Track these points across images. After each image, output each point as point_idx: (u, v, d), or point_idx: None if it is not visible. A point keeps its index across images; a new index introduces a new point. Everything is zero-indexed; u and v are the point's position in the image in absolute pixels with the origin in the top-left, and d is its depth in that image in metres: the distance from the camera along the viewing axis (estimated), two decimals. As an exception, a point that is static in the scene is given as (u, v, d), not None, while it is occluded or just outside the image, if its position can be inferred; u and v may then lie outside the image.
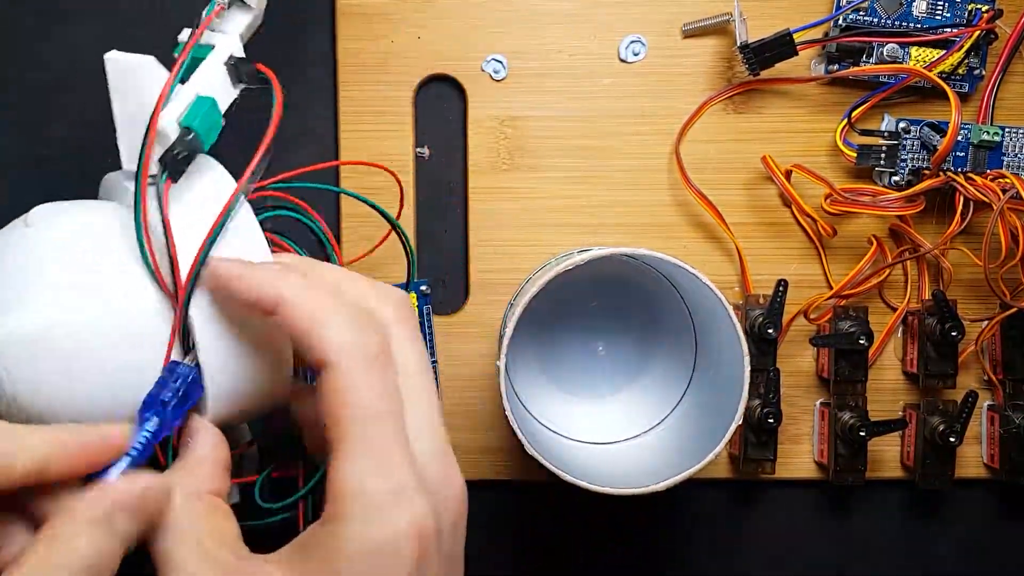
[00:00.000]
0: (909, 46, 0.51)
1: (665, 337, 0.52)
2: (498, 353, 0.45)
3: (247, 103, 0.53)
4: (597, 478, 0.44)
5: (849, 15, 0.51)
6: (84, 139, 0.53)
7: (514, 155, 0.53)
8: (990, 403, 0.54)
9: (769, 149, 0.53)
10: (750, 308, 0.52)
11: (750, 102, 0.53)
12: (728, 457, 0.54)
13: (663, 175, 0.53)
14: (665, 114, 0.53)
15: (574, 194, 0.53)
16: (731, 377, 0.45)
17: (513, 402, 0.46)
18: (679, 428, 0.50)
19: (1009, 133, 0.52)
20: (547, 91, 0.53)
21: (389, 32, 0.52)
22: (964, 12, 0.51)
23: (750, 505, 0.56)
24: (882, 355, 0.54)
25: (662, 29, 0.53)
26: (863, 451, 0.52)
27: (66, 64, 0.53)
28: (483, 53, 0.52)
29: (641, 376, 0.53)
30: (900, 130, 0.52)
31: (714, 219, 0.52)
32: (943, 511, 0.56)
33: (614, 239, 0.53)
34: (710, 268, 0.53)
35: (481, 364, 0.53)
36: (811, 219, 0.53)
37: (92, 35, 0.53)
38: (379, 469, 0.32)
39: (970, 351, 0.53)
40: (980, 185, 0.49)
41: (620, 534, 0.56)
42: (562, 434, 0.51)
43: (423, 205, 0.54)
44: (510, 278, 0.52)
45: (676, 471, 0.44)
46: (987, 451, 0.54)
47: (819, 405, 0.54)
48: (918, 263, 0.54)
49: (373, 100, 0.53)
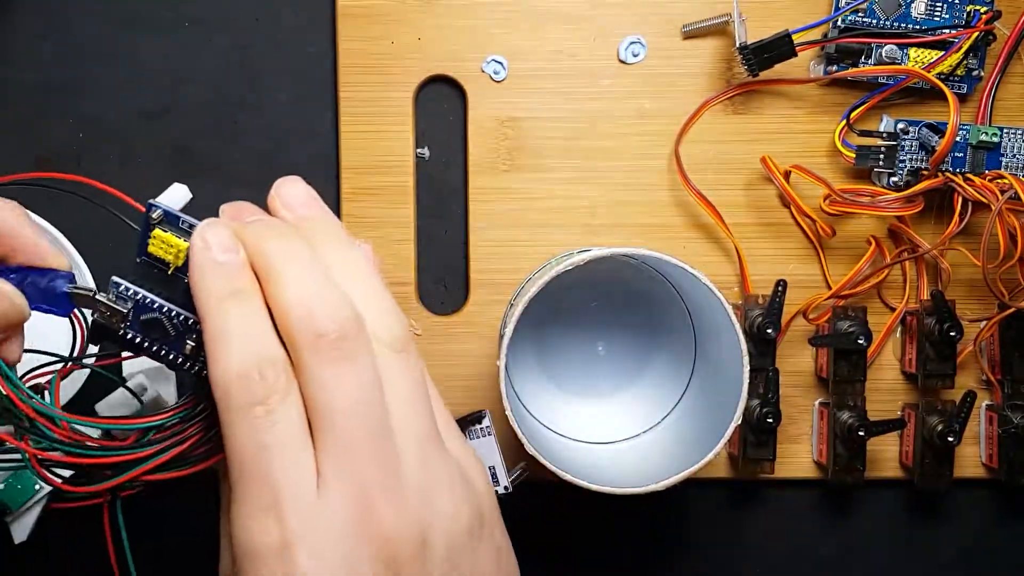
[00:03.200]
0: (908, 47, 0.51)
1: (665, 337, 0.52)
2: (498, 353, 0.45)
3: (248, 103, 0.54)
4: (597, 478, 0.44)
5: (848, 16, 0.51)
6: (84, 139, 0.53)
7: (514, 155, 0.53)
8: (988, 403, 0.54)
9: (768, 150, 0.53)
10: (749, 308, 0.52)
11: (750, 103, 0.53)
12: (727, 457, 0.54)
13: (663, 175, 0.53)
14: (665, 115, 0.53)
15: (574, 194, 0.53)
16: (730, 377, 0.45)
17: (513, 402, 0.46)
18: (679, 428, 0.50)
19: (1007, 134, 0.52)
20: (547, 91, 0.53)
21: (389, 33, 0.52)
22: (963, 13, 0.51)
23: (749, 505, 0.56)
24: (881, 355, 0.54)
25: (662, 30, 0.53)
26: (862, 451, 0.52)
27: (66, 64, 0.53)
28: (483, 54, 0.52)
29: (641, 376, 0.53)
30: (899, 131, 0.52)
31: (713, 219, 0.53)
32: (942, 511, 0.56)
33: (614, 239, 0.53)
34: (710, 268, 0.53)
35: (481, 364, 0.53)
36: (810, 219, 0.53)
37: (92, 35, 0.53)
38: (260, 523, 0.31)
39: (968, 351, 0.53)
40: (978, 186, 0.49)
41: (620, 534, 0.56)
42: (562, 434, 0.52)
43: (423, 205, 0.54)
44: (510, 278, 0.52)
45: (676, 471, 0.44)
46: (985, 451, 0.54)
47: (818, 405, 0.54)
48: (917, 263, 0.54)
49: (373, 100, 0.53)
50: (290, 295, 0.32)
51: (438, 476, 0.33)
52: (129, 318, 0.36)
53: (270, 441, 0.31)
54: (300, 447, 0.31)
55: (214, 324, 0.32)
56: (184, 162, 0.53)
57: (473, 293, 0.53)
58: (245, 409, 0.31)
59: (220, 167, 0.53)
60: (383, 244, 0.53)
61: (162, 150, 0.53)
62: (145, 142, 0.53)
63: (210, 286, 0.33)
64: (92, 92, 0.53)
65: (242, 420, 0.31)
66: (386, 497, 0.31)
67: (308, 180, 0.53)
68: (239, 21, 0.53)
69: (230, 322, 0.32)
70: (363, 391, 0.32)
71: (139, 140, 0.53)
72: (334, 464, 0.31)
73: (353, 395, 0.32)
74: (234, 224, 0.34)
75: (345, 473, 0.31)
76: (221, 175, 0.53)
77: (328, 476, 0.31)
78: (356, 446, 0.31)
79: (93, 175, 0.53)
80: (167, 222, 0.36)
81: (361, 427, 0.32)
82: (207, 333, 0.32)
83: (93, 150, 0.53)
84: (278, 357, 0.32)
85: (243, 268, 0.33)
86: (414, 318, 0.53)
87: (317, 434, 0.32)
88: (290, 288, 0.32)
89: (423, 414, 0.33)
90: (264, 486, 0.31)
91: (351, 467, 0.31)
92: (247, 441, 0.31)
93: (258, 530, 0.31)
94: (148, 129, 0.53)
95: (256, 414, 0.31)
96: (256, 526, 0.31)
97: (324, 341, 0.31)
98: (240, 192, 0.53)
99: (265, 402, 0.31)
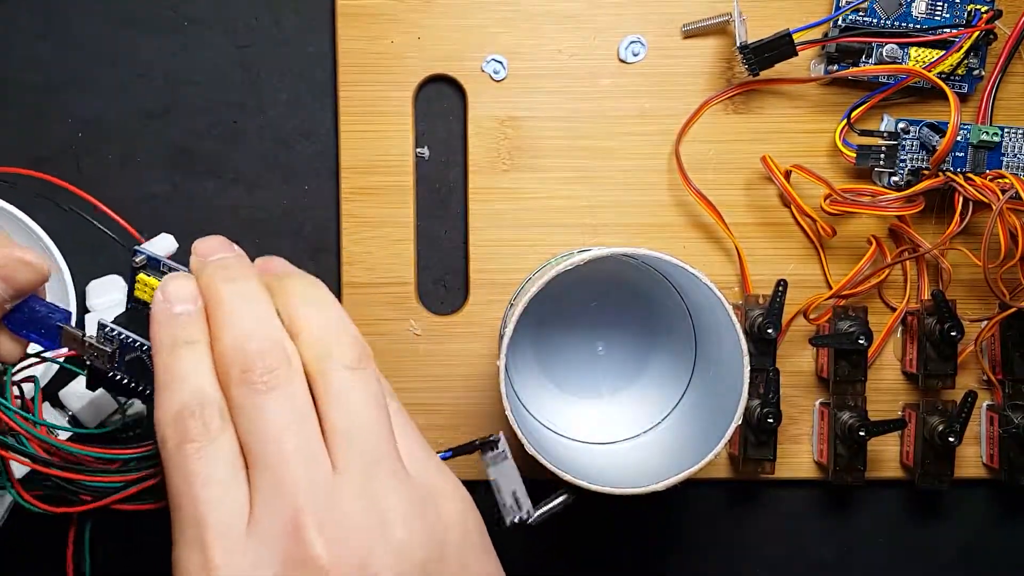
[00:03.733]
0: (908, 46, 0.51)
1: (665, 337, 0.52)
2: (498, 353, 0.45)
3: (248, 104, 0.54)
4: (597, 478, 0.44)
5: (848, 16, 0.51)
6: (84, 139, 0.53)
7: (514, 155, 0.53)
8: (989, 403, 0.54)
9: (769, 149, 0.53)
10: (750, 308, 0.52)
11: (750, 102, 0.53)
12: (728, 457, 0.54)
13: (663, 175, 0.53)
14: (665, 114, 0.53)
15: (574, 194, 0.53)
16: (731, 377, 0.45)
17: (513, 402, 0.46)
18: (679, 428, 0.50)
19: (1008, 133, 0.52)
20: (547, 91, 0.53)
21: (389, 32, 0.52)
22: (963, 13, 0.51)
23: (750, 505, 0.56)
24: (881, 355, 0.54)
25: (662, 29, 0.53)
26: (862, 451, 0.52)
27: (66, 64, 0.53)
28: (483, 53, 0.52)
29: (641, 376, 0.53)
30: (899, 130, 0.52)
31: (714, 219, 0.53)
32: (942, 511, 0.56)
33: (614, 239, 0.53)
34: (710, 268, 0.53)
35: (481, 364, 0.53)
36: (811, 219, 0.53)
37: (92, 35, 0.53)
38: (188, 553, 0.31)
39: (969, 351, 0.53)
40: (979, 185, 0.49)
41: (620, 534, 0.56)
42: (562, 434, 0.52)
43: (423, 205, 0.54)
44: (510, 278, 0.52)
45: (676, 471, 0.44)
46: (986, 451, 0.54)
47: (818, 405, 0.54)
48: (917, 263, 0.54)
49: (373, 100, 0.53)
50: (226, 337, 0.34)
51: (387, 503, 0.32)
52: (116, 359, 0.37)
53: (200, 477, 0.32)
54: (231, 482, 0.32)
55: (162, 371, 0.34)
56: (184, 162, 0.53)
57: (473, 293, 0.53)
58: (178, 447, 0.32)
59: (220, 167, 0.53)
60: (383, 244, 0.53)
61: (162, 150, 0.53)
62: (145, 142, 0.53)
63: (162, 337, 0.34)
64: (92, 92, 0.53)
65: (175, 457, 0.32)
66: (319, 527, 0.31)
67: (308, 180, 0.54)
68: (239, 21, 0.53)
69: (176, 369, 0.34)
70: (291, 417, 0.32)
71: (139, 140, 0.53)
72: (264, 495, 0.32)
73: (280, 423, 0.32)
74: (198, 265, 0.36)
75: (275, 504, 0.31)
76: (221, 175, 0.53)
77: (257, 508, 0.32)
78: (286, 474, 0.32)
79: (93, 175, 0.53)
80: (150, 267, 0.38)
81: (290, 455, 0.32)
82: (156, 381, 0.34)
83: (93, 150, 0.53)
84: (214, 398, 0.33)
85: (195, 318, 0.35)
86: (414, 318, 0.53)
87: (251, 469, 0.32)
88: (227, 330, 0.34)
89: (376, 434, 0.33)
90: (192, 520, 0.32)
91: (281, 497, 0.31)
92: (178, 478, 0.32)
93: (185, 563, 0.31)
94: (148, 129, 0.53)
95: (186, 452, 0.32)
96: (184, 559, 0.31)
97: (251, 375, 0.33)
98: (240, 192, 0.53)
99: (197, 439, 0.32)
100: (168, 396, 0.33)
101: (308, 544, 0.31)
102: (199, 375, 0.33)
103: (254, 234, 0.53)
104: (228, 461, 0.32)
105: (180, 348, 0.34)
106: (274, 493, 0.32)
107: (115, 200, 0.53)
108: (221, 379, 0.33)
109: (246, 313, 0.34)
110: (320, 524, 0.31)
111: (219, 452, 0.32)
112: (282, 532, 0.31)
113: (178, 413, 0.33)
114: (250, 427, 0.32)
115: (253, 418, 0.32)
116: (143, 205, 0.53)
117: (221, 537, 0.31)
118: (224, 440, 0.32)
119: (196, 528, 0.31)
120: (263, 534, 0.31)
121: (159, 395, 0.34)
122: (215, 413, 0.33)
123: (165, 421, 0.33)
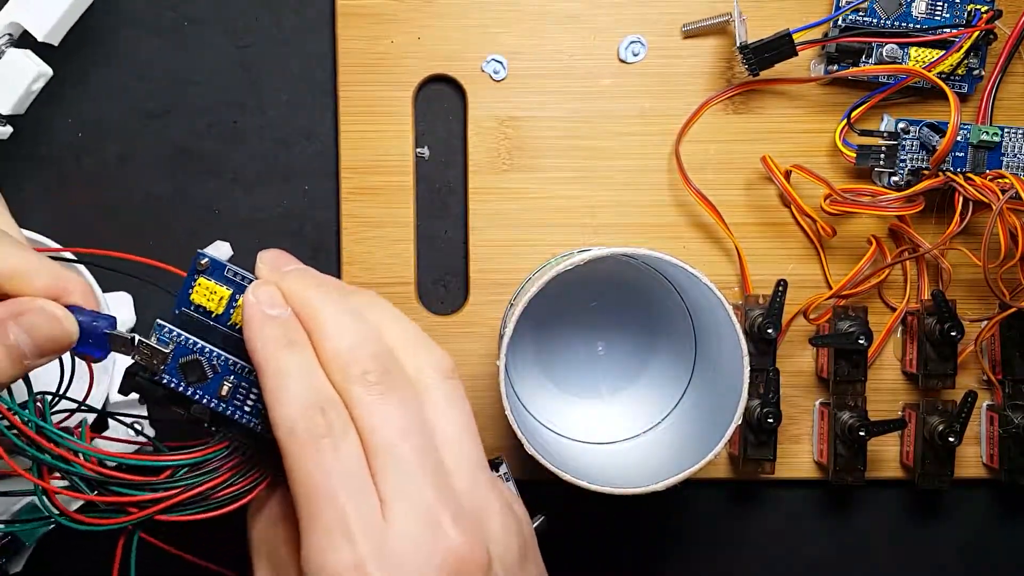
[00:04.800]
0: (908, 46, 0.51)
1: (665, 337, 0.52)
2: (498, 353, 0.45)
3: (248, 104, 0.54)
4: (597, 478, 0.44)
5: (848, 15, 0.51)
6: (84, 139, 0.53)
7: (514, 155, 0.53)
8: (989, 403, 0.54)
9: (769, 149, 0.53)
10: (750, 308, 0.52)
11: (750, 102, 0.53)
12: (728, 457, 0.54)
13: (663, 175, 0.53)
14: (665, 114, 0.53)
15: (574, 194, 0.53)
16: (730, 377, 0.45)
17: (513, 402, 0.46)
18: (679, 428, 0.50)
19: (1008, 133, 0.52)
20: (547, 91, 0.53)
21: (389, 32, 0.52)
22: (963, 13, 0.51)
23: (750, 505, 0.56)
24: (881, 355, 0.54)
25: (662, 29, 0.53)
26: (863, 451, 0.52)
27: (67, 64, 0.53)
28: (483, 53, 0.52)
29: (641, 376, 0.53)
30: (899, 130, 0.52)
31: (714, 219, 0.53)
32: (942, 511, 0.56)
33: (614, 239, 0.53)
34: (710, 268, 0.53)
35: (481, 364, 0.53)
36: (811, 219, 0.53)
37: (92, 35, 0.53)
38: (333, 545, 0.32)
39: (969, 351, 0.53)
40: (979, 185, 0.49)
41: (620, 534, 0.56)
42: (562, 434, 0.52)
43: (423, 205, 0.54)
44: (510, 278, 0.52)
45: (676, 471, 0.44)
46: (986, 451, 0.54)
47: (818, 405, 0.54)
48: (917, 263, 0.54)
49: (373, 100, 0.53)
50: (336, 340, 0.35)
51: (489, 501, 0.36)
52: (168, 361, 0.37)
53: (337, 470, 0.33)
54: (364, 475, 0.34)
55: (275, 369, 0.35)
56: (184, 162, 0.53)
57: (473, 293, 0.53)
58: (313, 442, 0.34)
59: (220, 167, 0.53)
60: (383, 244, 0.53)
61: (162, 150, 0.53)
62: (145, 142, 0.53)
63: (267, 335, 0.35)
64: (92, 92, 0.53)
65: (310, 453, 0.33)
66: (450, 517, 0.33)
67: (308, 180, 0.54)
68: (239, 21, 0.53)
69: (288, 367, 0.35)
70: (411, 419, 0.35)
71: (139, 140, 0.53)
72: (394, 488, 0.33)
73: (403, 423, 0.34)
74: (274, 275, 0.37)
75: (406, 496, 0.33)
76: (221, 175, 0.53)
77: (390, 500, 0.33)
78: (412, 470, 0.34)
79: (93, 175, 0.53)
80: (212, 272, 0.38)
81: (414, 452, 0.34)
82: (268, 378, 0.35)
83: (93, 150, 0.53)
84: (335, 398, 0.35)
85: (294, 321, 0.36)
86: (414, 318, 0.53)
87: (374, 463, 0.34)
88: (334, 333, 0.35)
89: (473, 441, 0.36)
90: (334, 511, 0.33)
91: (410, 490, 0.34)
92: (315, 471, 0.33)
93: (332, 552, 0.32)
94: (148, 129, 0.53)
95: (322, 447, 0.34)
96: (329, 548, 0.32)
97: (370, 377, 0.35)
98: (240, 192, 0.53)
99: (330, 435, 0.34)
100: (288, 393, 0.34)
101: (442, 531, 0.33)
102: (313, 375, 0.35)
103: (254, 234, 0.53)
104: (359, 456, 0.34)
105: (288, 348, 0.35)
106: (403, 485, 0.33)
107: (115, 200, 0.53)
108: (334, 380, 0.35)
109: (348, 321, 0.36)
110: (448, 514, 0.33)
111: (352, 448, 0.34)
112: (416, 520, 0.33)
113: (306, 408, 0.34)
114: (374, 425, 0.34)
115: (377, 417, 0.34)
116: (143, 205, 0.53)
117: (365, 525, 0.33)
118: (353, 437, 0.34)
119: (339, 518, 0.33)
120: (398, 522, 0.33)
121: (277, 391, 0.34)
122: (341, 410, 0.34)
123: (293, 416, 0.34)
